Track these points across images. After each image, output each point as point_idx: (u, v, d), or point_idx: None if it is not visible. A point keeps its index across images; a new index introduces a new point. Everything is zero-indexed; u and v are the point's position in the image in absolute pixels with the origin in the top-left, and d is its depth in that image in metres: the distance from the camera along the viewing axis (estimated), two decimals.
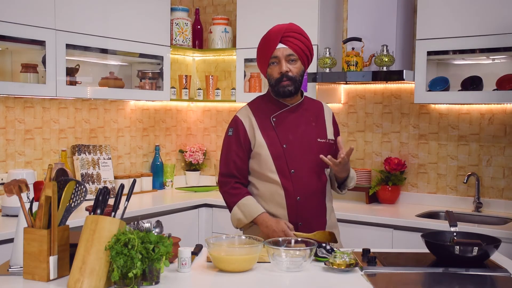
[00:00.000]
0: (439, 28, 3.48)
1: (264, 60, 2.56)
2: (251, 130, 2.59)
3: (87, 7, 3.54)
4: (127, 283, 1.86)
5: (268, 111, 2.61)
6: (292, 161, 2.55)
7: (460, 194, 3.81)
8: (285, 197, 2.55)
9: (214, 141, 4.76)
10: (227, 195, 2.62)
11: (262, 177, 2.58)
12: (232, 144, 2.61)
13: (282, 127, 2.58)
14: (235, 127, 2.62)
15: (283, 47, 2.51)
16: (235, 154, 2.59)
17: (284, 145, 2.56)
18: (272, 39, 2.52)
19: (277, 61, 2.52)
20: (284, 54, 2.51)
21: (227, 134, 2.65)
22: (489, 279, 2.12)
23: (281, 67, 2.51)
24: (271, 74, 2.56)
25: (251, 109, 2.65)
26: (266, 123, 2.59)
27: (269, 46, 2.52)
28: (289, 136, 2.57)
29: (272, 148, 2.55)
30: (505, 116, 3.66)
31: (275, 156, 2.55)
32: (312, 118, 2.64)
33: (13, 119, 3.55)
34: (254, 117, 2.61)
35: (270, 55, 2.52)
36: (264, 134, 2.57)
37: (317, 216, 2.60)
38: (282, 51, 2.51)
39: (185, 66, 4.77)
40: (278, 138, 2.56)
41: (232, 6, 4.65)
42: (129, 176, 4.15)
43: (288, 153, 2.55)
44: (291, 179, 2.54)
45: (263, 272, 2.13)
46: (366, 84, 4.08)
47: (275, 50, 2.51)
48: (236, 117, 2.64)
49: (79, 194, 2.05)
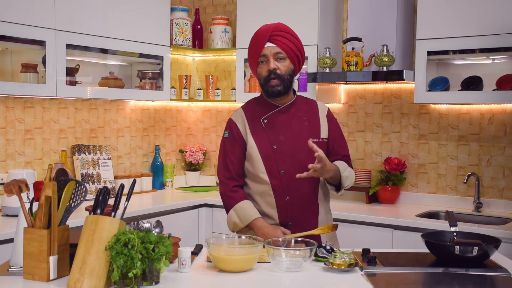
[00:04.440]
0: (439, 28, 3.48)
1: (254, 60, 2.58)
2: (244, 131, 2.63)
3: (87, 7, 3.54)
4: (127, 283, 1.86)
5: (260, 113, 2.64)
6: (282, 161, 2.56)
7: (460, 194, 3.81)
8: (275, 197, 2.56)
9: (214, 141, 4.76)
10: (225, 197, 2.64)
11: (254, 178, 2.61)
12: (229, 145, 2.65)
13: (273, 128, 2.60)
14: (230, 129, 2.66)
15: (271, 45, 2.53)
16: (232, 155, 2.62)
17: (274, 145, 2.57)
18: (260, 38, 2.54)
19: (266, 60, 2.54)
20: (272, 52, 2.52)
21: (223, 136, 2.70)
22: (489, 279, 2.12)
23: (269, 64, 2.53)
24: (260, 73, 2.58)
25: (244, 111, 2.68)
26: (257, 125, 2.62)
27: (258, 45, 2.54)
28: (280, 137, 2.58)
29: (262, 150, 2.58)
30: (505, 116, 3.66)
31: (265, 157, 2.57)
32: (305, 117, 2.64)
33: (13, 119, 3.55)
34: (246, 120, 2.64)
35: (259, 54, 2.54)
36: (255, 136, 2.60)
37: (308, 216, 2.61)
38: (270, 49, 2.52)
39: (185, 66, 4.77)
40: (268, 139, 2.58)
41: (232, 6, 4.65)
42: (129, 176, 4.15)
43: (278, 153, 2.56)
44: (280, 180, 2.55)
45: (263, 272, 2.13)
46: (366, 84, 4.08)
47: (264, 48, 2.53)
48: (230, 120, 2.69)
49: (79, 194, 2.05)
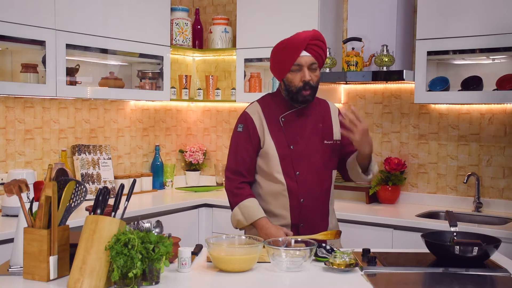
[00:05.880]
0: (439, 28, 3.48)
1: (285, 66, 2.51)
2: (260, 127, 2.58)
3: (87, 7, 3.54)
4: (127, 283, 1.86)
5: (278, 110, 2.59)
6: (298, 162, 2.54)
7: (460, 194, 3.81)
8: (289, 198, 2.55)
9: (214, 141, 4.76)
10: (230, 193, 2.61)
11: (268, 177, 2.58)
12: (242, 140, 2.59)
13: (290, 128, 2.57)
14: (245, 123, 2.59)
15: (307, 55, 2.48)
16: (245, 151, 2.58)
17: (291, 146, 2.55)
18: (297, 46, 2.47)
19: (299, 69, 2.49)
20: (307, 63, 2.48)
21: (236, 130, 2.62)
22: (489, 279, 2.12)
23: (305, 76, 2.48)
24: (292, 80, 2.51)
25: (261, 106, 2.62)
26: (275, 123, 2.58)
27: (293, 52, 2.48)
28: (297, 138, 2.56)
29: (280, 149, 2.55)
30: (505, 116, 3.66)
31: (282, 157, 2.54)
32: (320, 119, 2.63)
33: (13, 119, 3.55)
34: (263, 115, 2.59)
35: (293, 62, 2.48)
36: (272, 134, 2.56)
37: (319, 218, 2.60)
38: (306, 59, 2.48)
39: (185, 66, 4.77)
40: (286, 139, 2.56)
41: (232, 6, 4.65)
42: (129, 176, 4.15)
43: (295, 154, 2.55)
44: (296, 181, 2.54)
45: (263, 272, 2.13)
46: (366, 84, 4.08)
47: (299, 57, 2.48)
48: (245, 113, 2.62)
49: (79, 194, 2.05)
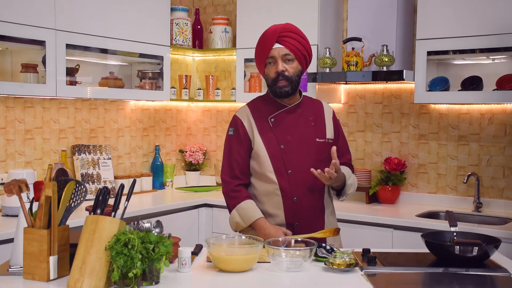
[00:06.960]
0: (439, 28, 3.48)
1: (261, 60, 2.57)
2: (250, 129, 2.60)
3: (87, 7, 3.54)
4: (127, 283, 1.86)
5: (266, 111, 2.62)
6: (289, 161, 2.55)
7: (460, 194, 3.81)
8: (282, 197, 2.55)
9: (214, 141, 4.76)
10: (227, 197, 2.63)
11: (261, 177, 2.59)
12: (234, 143, 2.62)
13: (280, 128, 2.58)
14: (235, 127, 2.63)
15: (280, 47, 2.51)
16: (237, 154, 2.60)
17: (282, 145, 2.56)
18: (269, 39, 2.53)
19: (274, 61, 2.53)
20: (280, 54, 2.51)
21: (228, 134, 2.66)
22: (489, 279, 2.12)
23: (277, 66, 2.52)
24: (268, 74, 2.57)
25: (250, 109, 2.66)
26: (264, 124, 2.60)
27: (266, 46, 2.53)
28: (287, 137, 2.57)
29: (270, 149, 2.56)
30: (505, 116, 3.66)
31: (272, 157, 2.56)
32: (312, 118, 2.64)
33: (13, 119, 3.55)
34: (252, 118, 2.62)
35: (266, 55, 2.53)
36: (262, 135, 2.58)
37: (314, 216, 2.60)
38: (279, 51, 2.51)
39: (185, 66, 4.77)
40: (276, 138, 2.57)
41: (232, 6, 4.65)
42: (129, 176, 4.15)
43: (286, 153, 2.55)
44: (288, 180, 2.54)
45: (263, 272, 2.13)
46: (366, 84, 4.08)
47: (272, 50, 2.52)
48: (235, 117, 2.65)
49: (79, 194, 2.05)
